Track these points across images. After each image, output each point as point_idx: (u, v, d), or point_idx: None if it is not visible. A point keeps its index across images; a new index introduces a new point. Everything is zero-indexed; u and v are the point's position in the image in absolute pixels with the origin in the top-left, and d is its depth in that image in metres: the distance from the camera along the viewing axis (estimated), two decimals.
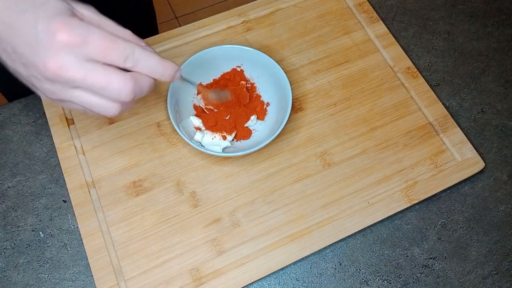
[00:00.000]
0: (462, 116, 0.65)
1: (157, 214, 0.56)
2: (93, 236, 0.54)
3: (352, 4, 0.70)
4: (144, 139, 0.60)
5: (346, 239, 0.57)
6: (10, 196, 0.58)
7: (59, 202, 0.57)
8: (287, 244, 0.54)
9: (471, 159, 0.60)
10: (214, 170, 0.58)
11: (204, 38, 0.67)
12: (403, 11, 0.72)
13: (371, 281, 0.54)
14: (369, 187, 0.58)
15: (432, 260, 0.56)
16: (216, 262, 0.53)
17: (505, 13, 0.73)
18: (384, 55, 0.67)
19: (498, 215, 0.59)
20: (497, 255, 0.56)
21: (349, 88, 0.64)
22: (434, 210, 0.59)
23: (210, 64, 0.62)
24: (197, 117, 0.60)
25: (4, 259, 0.54)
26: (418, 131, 0.62)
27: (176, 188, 0.57)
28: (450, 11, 0.73)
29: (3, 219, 0.56)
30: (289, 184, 0.58)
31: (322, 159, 0.59)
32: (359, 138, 0.61)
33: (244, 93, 0.61)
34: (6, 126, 0.62)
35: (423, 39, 0.70)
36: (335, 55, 0.66)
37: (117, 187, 0.57)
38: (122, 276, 0.52)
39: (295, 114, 0.62)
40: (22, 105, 0.63)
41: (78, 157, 0.58)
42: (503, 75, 0.68)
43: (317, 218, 0.56)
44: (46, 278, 0.54)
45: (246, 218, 0.56)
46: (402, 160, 0.60)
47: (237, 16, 0.69)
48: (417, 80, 0.65)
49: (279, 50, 0.66)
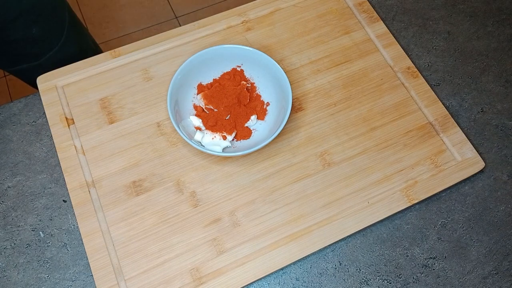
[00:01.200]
0: (462, 116, 0.65)
1: (157, 214, 0.56)
2: (93, 236, 0.54)
3: (352, 4, 0.70)
4: (144, 139, 0.60)
5: (346, 239, 0.57)
6: (10, 196, 0.58)
7: (59, 202, 0.57)
8: (287, 244, 0.54)
9: (471, 159, 0.60)
10: (214, 170, 0.58)
11: (204, 38, 0.67)
12: (403, 11, 0.72)
13: (371, 281, 0.54)
14: (369, 187, 0.58)
15: (432, 260, 0.56)
16: (216, 262, 0.53)
17: (505, 13, 0.73)
18: (384, 55, 0.67)
19: (498, 215, 0.59)
20: (497, 255, 0.56)
21: (349, 88, 0.64)
22: (434, 210, 0.58)
23: (210, 64, 0.62)
24: (197, 117, 0.60)
25: (4, 259, 0.54)
26: (418, 131, 0.62)
27: (176, 188, 0.57)
28: (450, 11, 0.73)
29: (3, 219, 0.56)
30: (289, 184, 0.58)
31: (322, 159, 0.59)
32: (359, 138, 0.61)
33: (244, 93, 0.61)
34: (6, 126, 0.62)
35: (423, 39, 0.70)
36: (335, 55, 0.66)
37: (117, 187, 0.57)
38: (122, 276, 0.52)
39: (295, 114, 0.62)
40: (22, 105, 0.63)
41: (78, 157, 0.58)
42: (503, 75, 0.68)
43: (317, 218, 0.56)
44: (46, 278, 0.54)
45: (246, 218, 0.56)
46: (402, 160, 0.60)
47: (237, 16, 0.69)
48: (417, 80, 0.65)
49: (279, 50, 0.66)
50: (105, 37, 1.63)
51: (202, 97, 0.61)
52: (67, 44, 0.79)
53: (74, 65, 0.64)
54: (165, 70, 0.64)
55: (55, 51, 0.77)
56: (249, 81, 0.63)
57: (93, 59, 0.65)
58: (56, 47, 0.77)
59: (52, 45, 0.77)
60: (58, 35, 0.77)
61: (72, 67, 0.64)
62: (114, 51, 0.65)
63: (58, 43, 0.77)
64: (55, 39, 0.77)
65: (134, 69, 0.64)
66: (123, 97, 0.62)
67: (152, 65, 0.65)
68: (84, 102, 0.62)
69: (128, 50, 0.65)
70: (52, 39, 0.77)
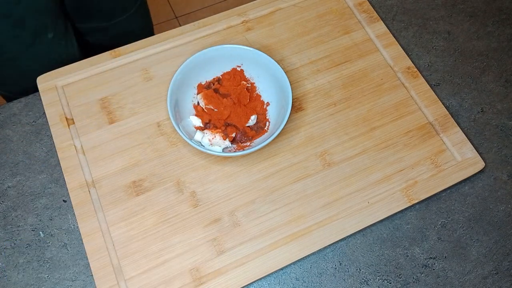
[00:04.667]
0: (462, 116, 0.65)
1: (157, 214, 0.56)
2: (93, 236, 0.54)
3: (352, 4, 0.70)
4: (144, 139, 0.60)
5: (346, 239, 0.57)
6: (10, 196, 0.58)
7: (59, 202, 0.57)
8: (287, 244, 0.54)
9: (471, 159, 0.60)
10: (214, 170, 0.58)
11: (204, 38, 0.67)
12: (403, 11, 0.72)
13: (371, 281, 0.54)
14: (369, 187, 0.58)
15: (432, 260, 0.56)
16: (216, 262, 0.53)
17: (505, 12, 0.73)
18: (384, 54, 0.67)
19: (498, 215, 0.59)
20: (497, 255, 0.56)
21: (349, 88, 0.64)
22: (434, 210, 0.58)
23: (210, 64, 0.62)
24: (197, 117, 0.60)
25: (4, 259, 0.54)
26: (418, 131, 0.62)
27: (176, 188, 0.57)
28: (450, 11, 0.73)
29: (3, 219, 0.56)
30: (289, 184, 0.58)
31: (322, 159, 0.59)
32: (359, 138, 0.61)
33: (244, 93, 0.61)
34: (6, 126, 0.62)
35: (423, 38, 0.70)
36: (335, 55, 0.66)
37: (117, 187, 0.57)
38: (122, 276, 0.52)
39: (295, 114, 0.62)
40: (22, 105, 0.63)
41: (78, 157, 0.58)
42: (503, 75, 0.68)
43: (317, 218, 0.56)
44: (46, 278, 0.54)
45: (246, 218, 0.56)
46: (402, 160, 0.60)
47: (237, 16, 0.69)
48: (417, 79, 0.65)
49: (279, 50, 0.66)
50: None
51: (202, 97, 0.61)
52: (136, 14, 0.83)
53: (74, 65, 0.64)
54: (165, 70, 0.64)
55: (125, 17, 0.81)
56: (249, 81, 0.63)
57: (93, 59, 0.65)
58: (127, 13, 0.81)
59: (126, 9, 0.80)
60: (132, 1, 0.81)
61: (72, 67, 0.64)
62: (114, 51, 0.65)
63: (131, 9, 0.81)
64: (129, 4, 0.80)
65: (134, 69, 0.64)
66: (123, 97, 0.62)
67: (152, 65, 0.65)
68: (84, 102, 0.62)
69: (128, 50, 0.65)
70: (126, 2, 0.80)
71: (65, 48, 0.73)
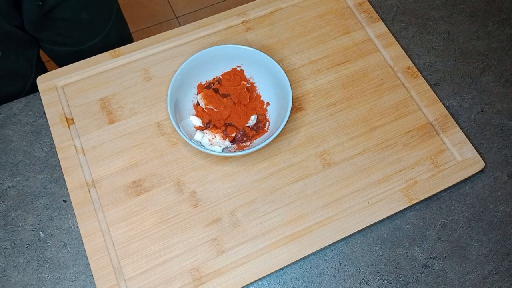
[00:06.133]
0: (462, 116, 0.65)
1: (157, 214, 0.56)
2: (93, 236, 0.54)
3: (352, 4, 0.70)
4: (144, 139, 0.60)
5: (346, 239, 0.57)
6: (10, 196, 0.58)
7: (59, 202, 0.57)
8: (287, 244, 0.54)
9: (471, 159, 0.60)
10: (214, 170, 0.58)
11: (204, 38, 0.67)
12: (403, 11, 0.72)
13: (371, 281, 0.54)
14: (369, 187, 0.58)
15: (432, 260, 0.56)
16: (216, 262, 0.53)
17: (505, 12, 0.73)
18: (384, 54, 0.67)
19: (498, 215, 0.59)
20: (497, 255, 0.56)
21: (349, 88, 0.64)
22: (434, 210, 0.58)
23: (210, 64, 0.62)
24: (197, 117, 0.60)
25: (4, 259, 0.54)
26: (418, 131, 0.62)
27: (176, 188, 0.57)
28: (450, 11, 0.73)
29: (3, 219, 0.56)
30: (289, 184, 0.58)
31: (322, 159, 0.59)
32: (359, 138, 0.61)
33: (244, 93, 0.61)
34: (6, 126, 0.62)
35: (423, 39, 0.70)
36: (335, 55, 0.66)
37: (117, 187, 0.57)
38: (122, 276, 0.52)
39: (295, 114, 0.62)
40: (22, 105, 0.63)
41: (78, 157, 0.58)
42: (503, 75, 0.68)
43: (317, 218, 0.56)
44: (46, 278, 0.54)
45: (246, 218, 0.56)
46: (402, 160, 0.60)
47: (237, 16, 0.69)
48: (417, 79, 0.65)
49: (279, 50, 0.66)
50: None
51: (202, 97, 0.61)
52: (111, 33, 0.78)
53: (74, 65, 0.64)
54: (165, 70, 0.64)
55: (98, 40, 0.76)
56: (249, 81, 0.63)
57: (93, 59, 0.65)
58: (100, 36, 0.76)
59: (98, 32, 0.76)
60: (105, 24, 0.76)
61: (72, 67, 0.64)
62: (114, 51, 0.65)
63: (103, 32, 0.76)
64: (101, 27, 0.76)
65: (134, 69, 0.64)
66: (123, 97, 0.62)
67: (152, 65, 0.65)
68: (84, 102, 0.62)
69: (128, 50, 0.65)
70: (99, 27, 0.75)
71: (15, 63, 0.70)
